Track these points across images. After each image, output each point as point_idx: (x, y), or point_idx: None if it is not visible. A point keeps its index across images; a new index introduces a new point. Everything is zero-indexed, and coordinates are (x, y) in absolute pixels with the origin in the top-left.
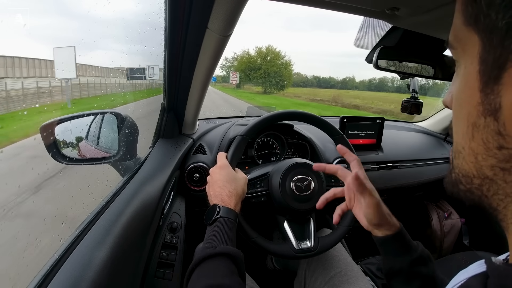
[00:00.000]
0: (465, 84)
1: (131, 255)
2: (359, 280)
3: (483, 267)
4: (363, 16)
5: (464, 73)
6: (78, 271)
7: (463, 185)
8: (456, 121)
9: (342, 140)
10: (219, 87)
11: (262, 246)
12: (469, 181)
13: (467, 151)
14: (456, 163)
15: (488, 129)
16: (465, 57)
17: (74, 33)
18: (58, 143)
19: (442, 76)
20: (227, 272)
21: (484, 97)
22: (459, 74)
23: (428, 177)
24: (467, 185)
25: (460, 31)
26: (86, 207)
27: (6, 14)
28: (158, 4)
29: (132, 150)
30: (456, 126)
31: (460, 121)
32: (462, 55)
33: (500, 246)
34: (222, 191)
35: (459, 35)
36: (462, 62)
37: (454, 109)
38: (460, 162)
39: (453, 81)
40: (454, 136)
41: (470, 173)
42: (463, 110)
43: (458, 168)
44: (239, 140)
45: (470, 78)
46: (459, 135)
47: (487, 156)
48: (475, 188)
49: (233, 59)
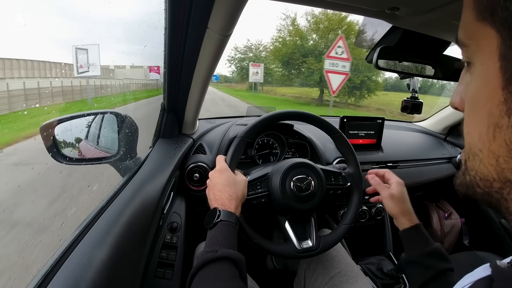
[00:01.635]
0: (483, 82)
1: (131, 255)
2: (359, 280)
3: (488, 271)
4: (363, 16)
5: (481, 70)
6: (78, 271)
7: (480, 188)
8: (471, 122)
9: (341, 138)
10: (224, 89)
11: (264, 248)
12: (488, 184)
13: (486, 153)
14: (472, 165)
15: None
16: (480, 54)
17: (74, 33)
18: (58, 143)
19: (442, 76)
20: (229, 276)
21: (508, 95)
22: (474, 73)
23: (428, 177)
24: (485, 188)
25: (472, 26)
26: (86, 207)
27: (6, 14)
28: (158, 4)
29: (132, 150)
30: (471, 127)
31: (477, 122)
32: (477, 52)
33: (500, 246)
34: (222, 194)
35: (471, 32)
36: (477, 60)
37: (468, 110)
38: (477, 165)
39: (462, 81)
40: (467, 138)
41: (489, 177)
42: (482, 110)
43: (475, 170)
44: (238, 141)
45: (489, 75)
46: (475, 137)
47: (509, 158)
48: (494, 191)
49: (246, 49)
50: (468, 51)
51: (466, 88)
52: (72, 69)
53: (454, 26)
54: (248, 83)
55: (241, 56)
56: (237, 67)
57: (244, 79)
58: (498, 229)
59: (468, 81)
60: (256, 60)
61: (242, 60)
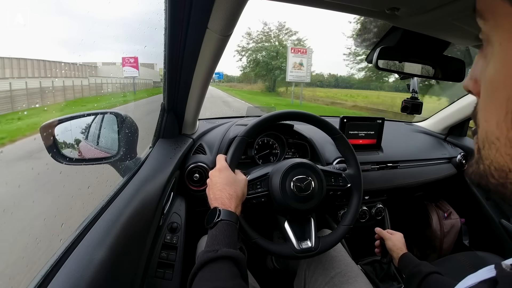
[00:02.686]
0: (502, 63)
1: (131, 255)
2: (359, 281)
3: (493, 272)
4: (363, 16)
5: (500, 51)
6: (78, 271)
7: (495, 179)
8: (487, 107)
9: (342, 139)
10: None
11: (263, 247)
12: (503, 175)
13: (503, 141)
14: (487, 154)
15: None
16: (499, 32)
17: (74, 33)
18: (58, 143)
19: (442, 76)
20: (230, 275)
21: None
22: (491, 53)
23: (428, 177)
24: (500, 179)
25: (491, 2)
26: (86, 207)
27: (6, 14)
28: (158, 4)
29: (132, 150)
30: (488, 112)
31: (495, 107)
32: (495, 29)
33: (500, 246)
34: (222, 194)
35: (490, 6)
36: (495, 38)
37: (485, 94)
38: (492, 154)
39: (477, 63)
40: (483, 125)
41: (505, 167)
42: (500, 94)
43: (490, 160)
44: (238, 141)
45: (508, 57)
46: (492, 124)
47: None
48: (509, 182)
49: (264, 36)
50: (486, 26)
51: (481, 70)
52: (71, 69)
53: (454, 26)
54: (264, 83)
55: (256, 46)
56: (249, 60)
57: (262, 76)
58: (498, 229)
59: (484, 63)
60: (279, 53)
61: (258, 51)
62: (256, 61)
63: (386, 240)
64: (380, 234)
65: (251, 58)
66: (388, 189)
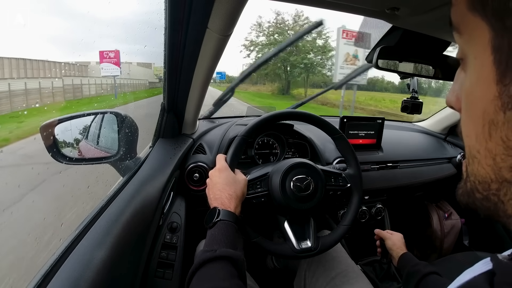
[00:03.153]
0: (477, 77)
1: (131, 255)
2: (360, 281)
3: (489, 265)
4: (363, 16)
5: (475, 64)
6: (78, 271)
7: (479, 192)
8: (467, 122)
9: (342, 139)
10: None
11: (262, 247)
12: (486, 187)
13: (483, 153)
14: (471, 170)
15: (509, 125)
16: (473, 46)
17: (74, 33)
18: (58, 143)
19: (442, 76)
20: (228, 275)
21: (503, 88)
22: (467, 68)
23: (428, 177)
24: (483, 192)
25: (464, 16)
26: (86, 207)
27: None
28: (158, 4)
29: (132, 150)
30: (468, 127)
31: (473, 121)
32: (469, 42)
33: (500, 246)
34: (221, 194)
35: (463, 21)
36: (470, 52)
37: (464, 108)
38: (476, 168)
39: (457, 78)
40: (466, 140)
41: (487, 178)
42: (477, 107)
43: (474, 175)
44: (238, 141)
45: (482, 69)
46: (472, 138)
47: (506, 156)
48: (492, 194)
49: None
50: (461, 39)
51: (461, 86)
52: (72, 69)
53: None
54: (275, 84)
55: (264, 42)
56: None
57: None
58: (498, 229)
59: (463, 79)
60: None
61: (272, 44)
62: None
63: (386, 240)
64: (379, 235)
65: (262, 53)
66: (388, 189)
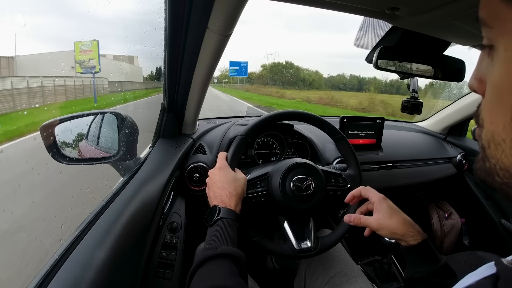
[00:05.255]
0: (507, 69)
1: (131, 255)
2: (359, 281)
3: (493, 269)
4: (363, 16)
5: (506, 57)
6: (78, 271)
7: (500, 177)
8: (493, 110)
9: (342, 140)
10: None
11: (262, 246)
12: (507, 175)
13: (509, 144)
14: (493, 154)
15: None
16: (505, 38)
17: (74, 32)
18: (58, 143)
19: (442, 76)
20: (229, 273)
21: None
22: (496, 58)
23: (428, 177)
24: (504, 178)
25: (496, 7)
26: (86, 207)
27: (6, 14)
28: (158, 3)
29: (132, 150)
30: (494, 115)
31: (501, 111)
32: (501, 35)
33: (500, 246)
34: (221, 192)
35: (495, 12)
36: (500, 44)
37: (492, 97)
38: (498, 154)
39: (481, 63)
40: (490, 126)
41: (510, 168)
42: (506, 99)
43: (496, 159)
44: (239, 140)
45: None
46: (498, 126)
47: None
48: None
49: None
50: (490, 33)
51: (486, 72)
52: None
53: (454, 26)
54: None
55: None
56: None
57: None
58: (498, 229)
59: (489, 65)
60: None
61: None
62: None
63: (376, 231)
64: (356, 223)
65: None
66: (388, 189)
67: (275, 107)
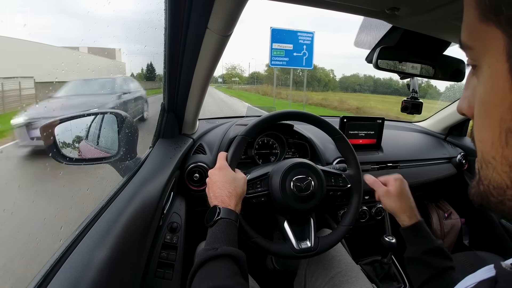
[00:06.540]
0: (492, 86)
1: (131, 255)
2: (359, 280)
3: (492, 272)
4: (363, 16)
5: (489, 73)
6: (78, 271)
7: (494, 197)
8: (482, 129)
9: (342, 140)
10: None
11: (262, 246)
12: (501, 192)
13: (499, 160)
14: (485, 174)
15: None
16: (487, 56)
17: (74, 32)
18: (58, 143)
19: (442, 76)
20: (230, 273)
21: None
22: (481, 76)
23: (428, 177)
24: (499, 197)
25: (475, 28)
26: (86, 207)
27: (6, 14)
28: (158, 4)
29: (132, 150)
30: (482, 134)
31: (488, 128)
32: (483, 54)
33: (500, 246)
34: (221, 192)
35: (475, 33)
36: (484, 62)
37: (478, 116)
38: (490, 173)
39: (468, 85)
40: (479, 145)
41: (503, 184)
42: (493, 115)
43: (488, 179)
44: (239, 140)
45: (497, 78)
46: (487, 144)
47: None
48: (507, 199)
49: None
50: (473, 54)
51: (473, 92)
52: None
53: (454, 26)
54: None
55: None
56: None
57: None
58: (498, 229)
59: (475, 85)
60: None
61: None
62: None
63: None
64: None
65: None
66: None
67: (275, 107)
